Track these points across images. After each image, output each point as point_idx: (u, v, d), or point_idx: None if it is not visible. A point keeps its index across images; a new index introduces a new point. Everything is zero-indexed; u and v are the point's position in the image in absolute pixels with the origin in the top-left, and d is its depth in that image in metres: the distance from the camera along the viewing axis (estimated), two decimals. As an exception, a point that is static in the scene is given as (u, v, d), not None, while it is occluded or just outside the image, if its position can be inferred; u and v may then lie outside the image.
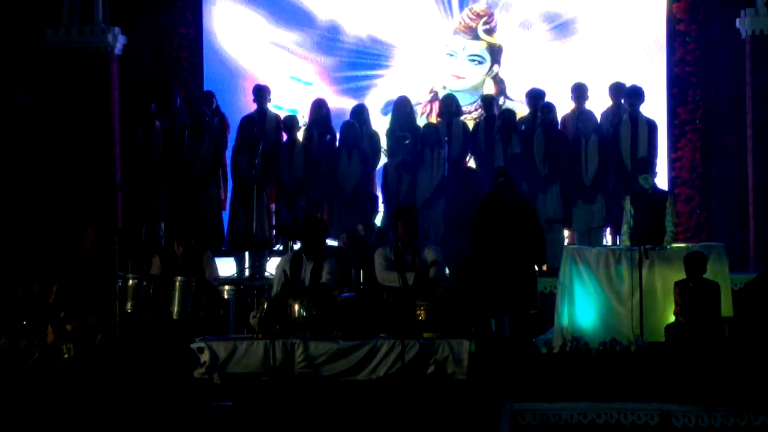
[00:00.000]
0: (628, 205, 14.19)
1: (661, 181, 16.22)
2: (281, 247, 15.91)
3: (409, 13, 17.21)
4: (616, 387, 10.64)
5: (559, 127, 15.76)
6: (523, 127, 15.93)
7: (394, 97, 16.78)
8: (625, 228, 14.22)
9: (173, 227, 13.81)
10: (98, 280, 13.29)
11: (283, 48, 17.36)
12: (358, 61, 17.26)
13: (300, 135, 16.19)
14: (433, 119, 16.85)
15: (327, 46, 17.32)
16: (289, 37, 17.37)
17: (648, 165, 14.44)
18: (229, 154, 16.15)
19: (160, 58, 17.33)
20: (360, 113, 16.12)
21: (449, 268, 13.49)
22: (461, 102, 16.47)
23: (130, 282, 13.08)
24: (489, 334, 12.98)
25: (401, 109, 16.13)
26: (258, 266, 15.76)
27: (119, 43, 17.05)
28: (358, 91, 17.17)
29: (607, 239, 15.50)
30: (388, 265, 12.42)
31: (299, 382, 11.58)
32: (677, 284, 12.81)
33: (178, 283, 12.98)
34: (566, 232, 15.88)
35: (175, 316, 12.95)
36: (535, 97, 16.04)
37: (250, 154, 15.68)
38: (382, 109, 17.13)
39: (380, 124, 16.63)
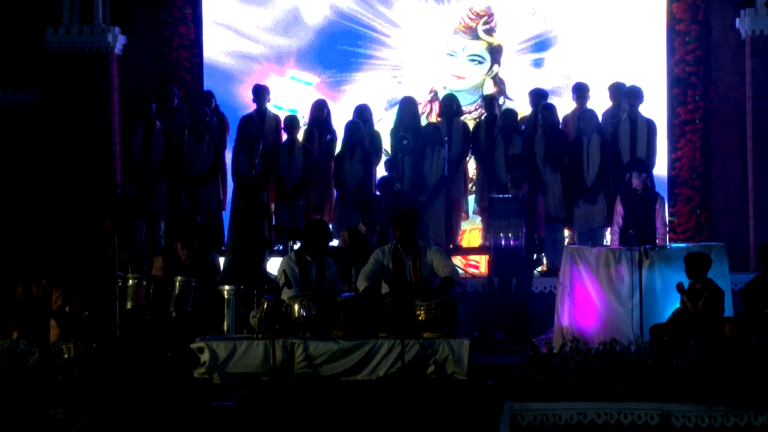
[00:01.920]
0: (618, 205, 14.23)
1: (661, 181, 16.23)
2: (281, 247, 15.91)
3: (409, 13, 17.20)
4: (616, 387, 10.64)
5: (560, 126, 15.77)
6: (523, 127, 15.94)
7: (394, 96, 16.81)
8: (614, 228, 14.29)
9: (176, 230, 13.80)
10: (99, 280, 13.32)
11: (282, 47, 17.36)
12: (358, 60, 17.25)
13: (300, 135, 16.20)
14: (433, 119, 16.85)
15: (328, 45, 17.31)
16: (287, 36, 17.36)
17: (639, 164, 14.47)
18: (229, 154, 16.17)
19: (160, 58, 17.32)
20: (363, 113, 16.12)
21: None
22: (461, 102, 16.47)
23: (130, 282, 13.10)
24: None
25: (407, 109, 16.11)
26: (258, 266, 15.77)
27: (119, 43, 17.05)
28: (358, 91, 17.16)
29: (608, 239, 15.50)
30: (371, 274, 12.29)
31: (299, 382, 11.58)
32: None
33: (177, 283, 12.99)
34: (567, 232, 15.89)
35: (174, 316, 12.96)
36: (538, 96, 16.04)
37: (249, 154, 15.69)
38: (385, 108, 17.12)
39: (384, 122, 16.66)
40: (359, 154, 15.71)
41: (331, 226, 14.77)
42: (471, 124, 16.34)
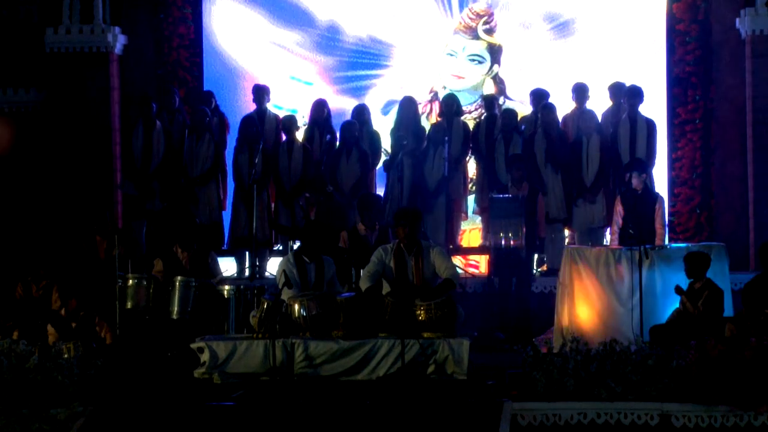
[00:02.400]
0: (618, 205, 14.21)
1: (661, 181, 16.23)
2: (281, 247, 15.92)
3: (409, 12, 17.20)
4: (616, 387, 10.64)
5: (560, 126, 15.77)
6: (523, 127, 15.93)
7: (395, 97, 16.82)
8: (614, 228, 14.27)
9: (176, 233, 13.80)
10: (100, 280, 13.32)
11: (283, 47, 17.36)
12: (358, 60, 17.26)
13: (300, 135, 16.21)
14: (433, 119, 16.85)
15: (327, 45, 17.32)
16: (289, 36, 17.37)
17: (638, 164, 14.47)
18: (229, 154, 16.17)
19: (160, 58, 17.32)
20: (361, 113, 16.12)
21: None
22: (461, 102, 16.46)
23: (130, 282, 13.10)
24: None
25: (406, 109, 16.11)
26: (258, 266, 15.77)
27: (119, 43, 17.05)
28: (358, 91, 17.17)
29: (608, 239, 15.50)
30: (373, 274, 12.29)
31: (299, 382, 11.58)
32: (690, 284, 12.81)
33: (178, 283, 12.99)
34: (567, 232, 15.89)
35: (174, 316, 12.97)
36: (539, 97, 16.04)
37: (251, 154, 15.69)
38: (382, 109, 17.14)
39: (380, 123, 16.65)
40: (356, 155, 15.71)
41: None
42: (471, 124, 16.34)
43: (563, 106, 16.15)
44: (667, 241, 14.70)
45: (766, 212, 16.05)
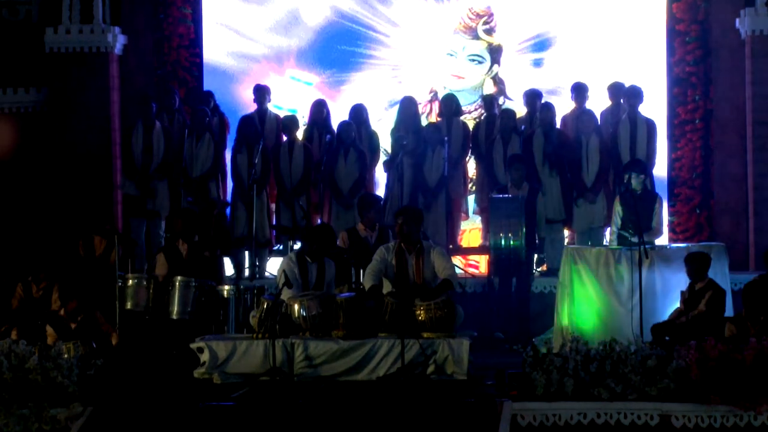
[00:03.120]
0: (617, 206, 14.23)
1: (661, 181, 16.23)
2: (281, 247, 15.92)
3: (408, 12, 17.20)
4: (616, 387, 10.64)
5: (559, 126, 15.77)
6: (522, 128, 15.94)
7: (394, 95, 16.81)
8: (612, 229, 14.29)
9: (176, 226, 13.81)
10: (100, 281, 13.33)
11: (282, 47, 17.35)
12: (359, 60, 17.25)
13: (300, 135, 16.21)
14: (433, 119, 16.85)
15: (328, 46, 17.31)
16: (287, 35, 17.36)
17: (637, 165, 14.47)
18: (229, 154, 16.17)
19: (160, 58, 17.31)
20: (359, 113, 16.12)
21: None
22: (461, 102, 16.46)
23: (130, 282, 13.11)
24: None
25: (406, 109, 16.11)
26: (258, 266, 15.77)
27: (119, 43, 17.05)
28: (357, 91, 17.16)
29: (608, 239, 15.50)
30: (377, 272, 12.31)
31: (299, 382, 11.58)
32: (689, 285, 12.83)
33: (178, 283, 12.99)
34: (567, 232, 15.89)
35: (174, 316, 12.97)
36: (533, 97, 16.04)
37: (249, 154, 15.69)
38: (386, 108, 17.12)
39: (384, 120, 16.65)
40: (354, 155, 15.71)
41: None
42: (471, 124, 16.34)
43: (563, 106, 16.16)
44: (667, 241, 14.69)
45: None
